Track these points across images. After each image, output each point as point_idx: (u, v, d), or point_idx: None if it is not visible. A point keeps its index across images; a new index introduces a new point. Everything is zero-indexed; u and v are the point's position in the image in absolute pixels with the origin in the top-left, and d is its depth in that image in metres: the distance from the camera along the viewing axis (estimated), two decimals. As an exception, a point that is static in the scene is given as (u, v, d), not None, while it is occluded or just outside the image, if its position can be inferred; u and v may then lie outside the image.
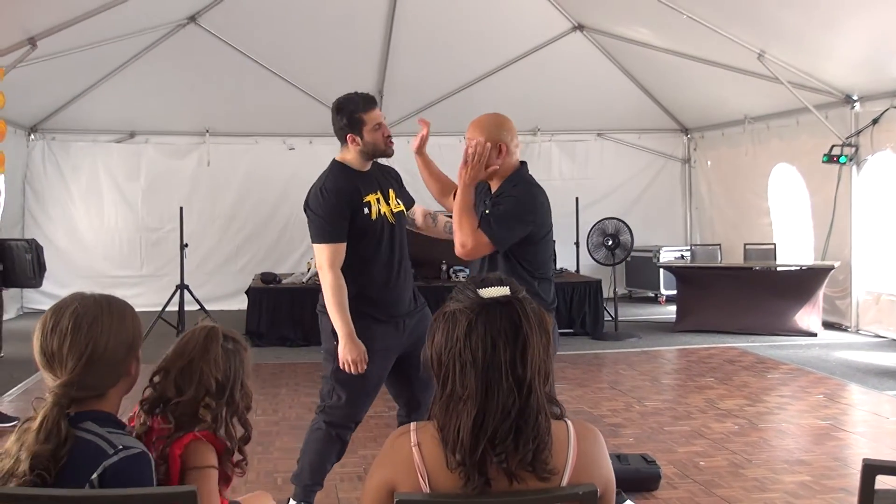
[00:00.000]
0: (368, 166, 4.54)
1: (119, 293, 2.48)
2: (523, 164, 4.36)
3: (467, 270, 8.67)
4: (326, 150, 14.70)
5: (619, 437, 6.35)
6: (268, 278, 11.12)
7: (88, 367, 2.21)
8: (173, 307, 10.85)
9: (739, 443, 6.17)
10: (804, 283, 10.79)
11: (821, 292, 10.70)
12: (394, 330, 4.46)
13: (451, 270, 11.44)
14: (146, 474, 2.18)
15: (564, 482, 2.00)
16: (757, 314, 10.76)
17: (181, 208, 11.32)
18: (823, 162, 10.71)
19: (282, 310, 10.65)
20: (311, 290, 10.42)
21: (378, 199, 4.46)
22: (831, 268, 10.67)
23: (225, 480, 2.65)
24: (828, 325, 10.90)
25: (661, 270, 13.19)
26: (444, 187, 4.79)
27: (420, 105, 13.25)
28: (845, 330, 10.91)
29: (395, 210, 4.55)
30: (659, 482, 5.20)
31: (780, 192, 12.52)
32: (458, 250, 4.09)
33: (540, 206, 4.21)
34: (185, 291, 10.98)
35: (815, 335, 10.52)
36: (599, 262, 12.05)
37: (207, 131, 13.28)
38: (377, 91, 12.73)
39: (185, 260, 11.15)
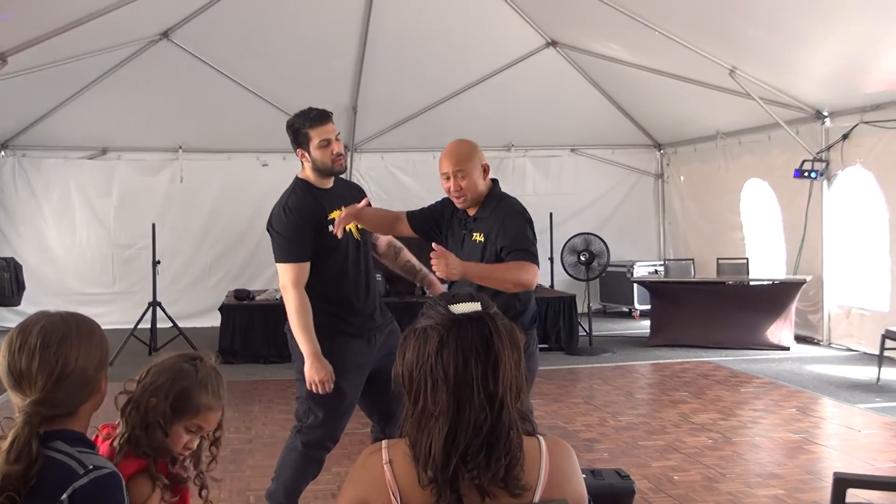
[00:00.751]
0: (330, 182, 4.50)
1: (90, 311, 2.45)
2: (495, 181, 4.36)
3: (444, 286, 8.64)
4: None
5: (593, 451, 6.35)
6: (241, 295, 11.06)
7: (59, 385, 2.16)
8: (146, 325, 10.77)
9: (713, 457, 6.19)
10: (776, 297, 10.85)
11: (793, 306, 10.77)
12: (366, 345, 4.44)
13: (425, 287, 11.40)
14: (117, 495, 2.15)
15: (536, 498, 1.99)
16: (730, 328, 10.81)
17: (153, 225, 11.25)
18: (795, 177, 10.80)
19: (255, 327, 10.58)
20: (285, 308, 10.45)
21: None
22: (803, 282, 10.74)
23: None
24: (800, 339, 10.97)
25: (635, 285, 13.23)
26: (387, 225, 4.66)
27: (394, 121, 13.29)
28: (817, 344, 10.98)
29: (360, 226, 4.52)
30: (633, 497, 5.18)
31: (753, 206, 12.62)
32: (524, 289, 4.06)
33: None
34: (158, 309, 10.90)
35: (787, 349, 10.58)
36: (574, 277, 12.07)
37: (180, 147, 13.22)
38: (351, 107, 12.74)
39: (157, 277, 11.08)
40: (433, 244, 3.97)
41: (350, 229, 4.42)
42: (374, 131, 13.46)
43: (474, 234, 4.23)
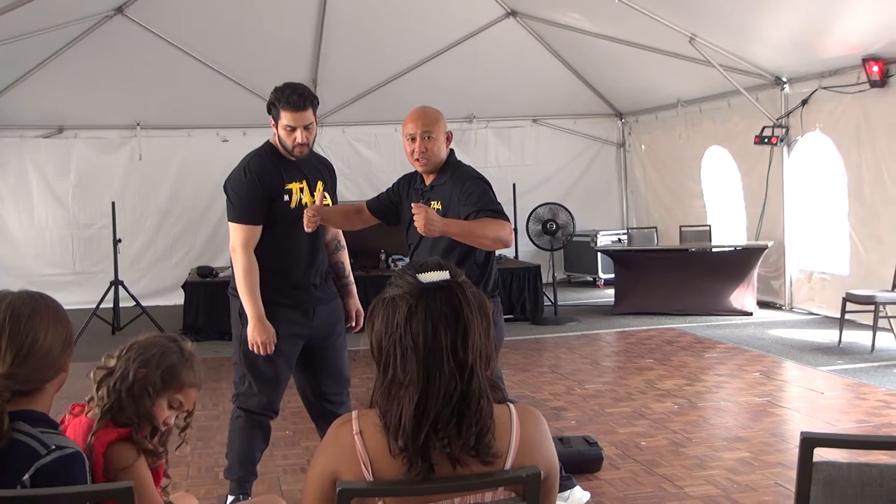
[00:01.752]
0: None
1: (51, 292, 2.46)
2: (451, 150, 4.38)
3: (406, 259, 8.67)
4: (260, 141, 14.46)
5: (561, 420, 6.39)
6: (204, 272, 10.98)
7: (27, 361, 2.17)
8: (108, 304, 10.67)
9: (679, 422, 6.25)
10: (739, 263, 10.95)
11: (755, 272, 10.87)
12: (302, 317, 4.42)
13: (390, 259, 11.41)
14: (80, 474, 2.14)
15: (508, 465, 1.99)
16: (694, 295, 10.90)
17: (113, 203, 11.13)
18: (755, 144, 10.87)
19: (219, 303, 10.42)
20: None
21: (302, 189, 4.40)
22: (765, 248, 10.84)
23: (155, 477, 2.62)
24: (762, 304, 11.08)
25: (599, 254, 13.30)
26: (351, 217, 4.71)
27: (354, 94, 13.20)
28: (779, 308, 11.11)
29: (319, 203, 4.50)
30: (601, 463, 5.24)
31: (713, 174, 12.71)
32: (503, 246, 4.10)
33: None
34: (120, 288, 10.80)
35: (750, 314, 10.69)
36: (539, 247, 12.11)
37: (138, 125, 13.05)
38: (311, 80, 12.62)
39: (118, 256, 10.97)
40: (412, 203, 3.99)
41: (307, 203, 4.39)
42: (334, 105, 13.35)
43: (432, 203, 4.21)
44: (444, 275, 2.00)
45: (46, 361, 2.21)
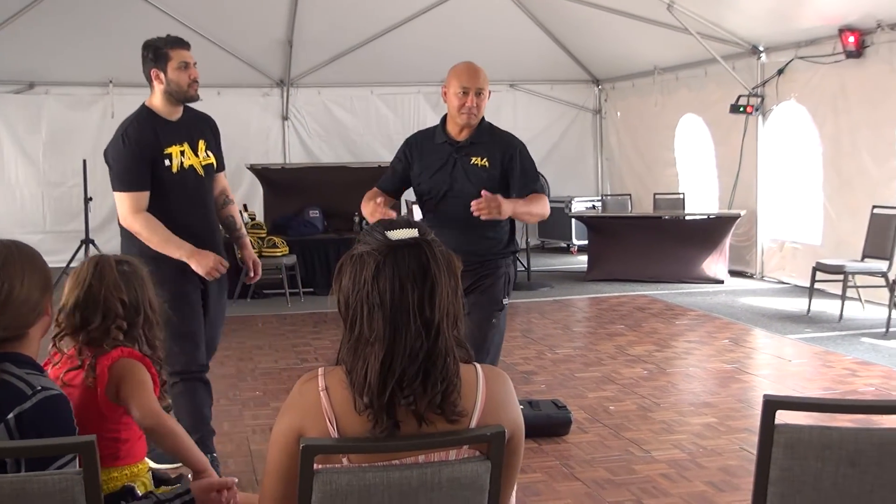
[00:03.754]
0: (178, 113, 4.44)
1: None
2: None
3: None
4: (234, 102, 14.43)
5: (531, 384, 6.42)
6: (177, 232, 10.90)
7: (6, 308, 2.19)
8: (79, 263, 10.59)
9: (648, 387, 6.30)
10: (711, 231, 11.01)
11: (727, 241, 10.93)
12: (194, 276, 4.38)
13: (364, 222, 11.37)
14: (64, 415, 2.19)
15: (473, 424, 1.99)
16: (666, 262, 10.95)
17: (85, 161, 11.02)
18: (731, 112, 10.90)
19: (192, 264, 10.46)
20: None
21: (183, 152, 4.37)
22: (738, 216, 10.90)
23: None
24: (734, 273, 11.16)
25: (573, 221, 13.32)
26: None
27: (330, 56, 13.08)
28: (750, 277, 11.19)
29: (204, 163, 4.47)
30: (570, 427, 5.28)
31: (687, 142, 12.74)
32: (544, 218, 4.61)
33: None
34: (91, 247, 10.73)
35: (721, 282, 10.76)
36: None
37: (111, 82, 12.87)
38: (287, 41, 12.50)
39: (90, 215, 10.87)
40: (482, 191, 4.18)
41: (193, 165, 4.39)
42: (310, 66, 13.25)
43: (474, 159, 4.40)
44: (412, 232, 1.99)
45: (26, 307, 2.24)
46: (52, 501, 1.85)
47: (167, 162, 4.31)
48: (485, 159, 4.38)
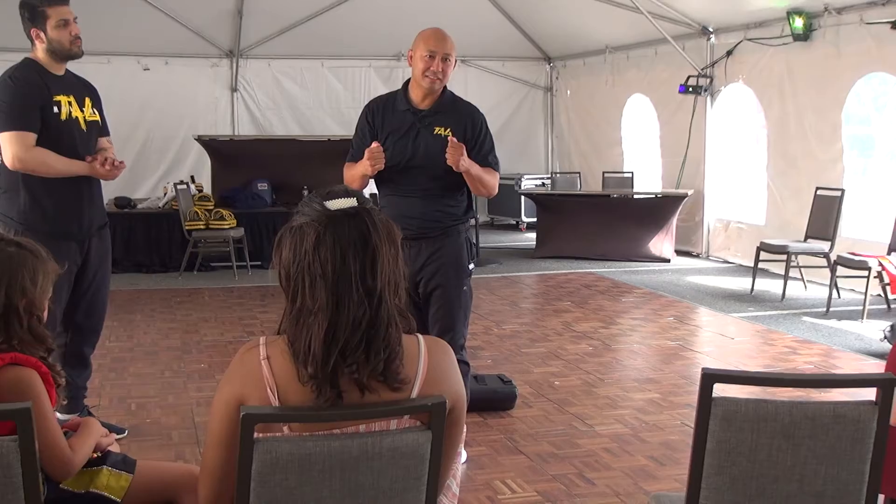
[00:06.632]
0: (62, 70, 4.40)
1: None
2: None
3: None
4: (183, 71, 14.19)
5: (477, 359, 6.44)
6: (122, 203, 10.75)
7: None
8: (21, 233, 10.42)
9: (593, 363, 6.36)
10: (659, 211, 11.11)
11: (674, 220, 11.05)
12: (76, 248, 4.36)
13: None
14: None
15: (414, 394, 2.00)
16: (614, 241, 11.04)
17: None
18: (680, 93, 10.98)
19: (137, 235, 10.35)
20: (168, 216, 10.27)
21: (70, 102, 4.34)
22: (685, 196, 11.01)
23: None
24: (680, 252, 11.28)
25: (523, 198, 13.36)
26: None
27: (281, 27, 12.93)
28: (696, 256, 11.33)
29: (88, 119, 4.44)
30: (515, 401, 5.31)
31: (633, 122, 12.83)
32: (491, 195, 4.61)
33: None
34: None
35: (668, 261, 10.88)
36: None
37: None
38: (236, 11, 12.34)
39: None
40: (450, 138, 4.22)
41: (77, 117, 4.35)
42: (260, 37, 13.10)
43: (436, 129, 4.31)
44: (351, 201, 1.98)
45: None
46: (-14, 468, 1.83)
47: (55, 109, 4.25)
48: (448, 129, 4.33)
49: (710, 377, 2.15)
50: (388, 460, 1.93)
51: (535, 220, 12.30)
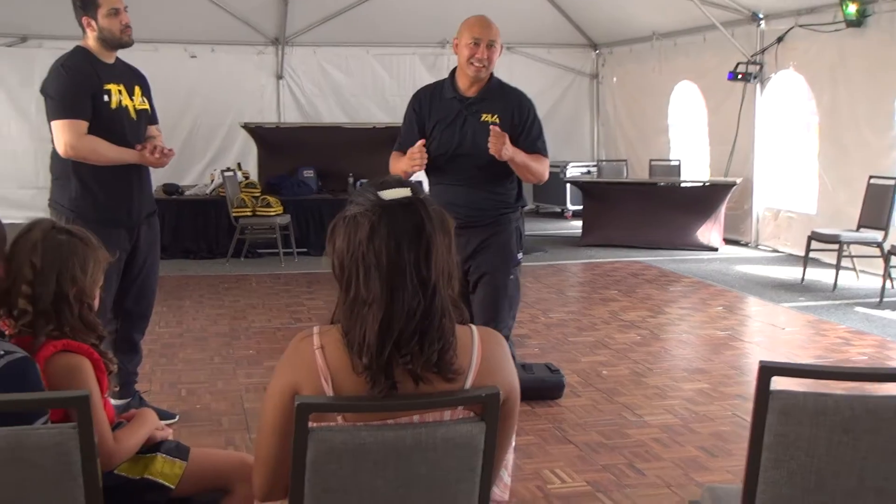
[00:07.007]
0: (112, 58, 4.43)
1: (15, 206, 2.41)
2: None
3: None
4: (229, 59, 14.31)
5: (524, 347, 6.42)
6: (170, 189, 10.85)
7: None
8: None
9: (641, 352, 6.31)
10: (706, 199, 10.99)
11: (722, 208, 10.93)
12: (126, 236, 4.39)
13: (358, 183, 11.33)
14: (33, 378, 2.13)
15: (468, 385, 1.99)
16: (661, 229, 10.94)
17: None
18: (728, 79, 10.84)
19: (185, 222, 10.44)
20: (215, 202, 10.33)
21: (120, 91, 4.37)
22: (733, 184, 10.88)
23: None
24: (728, 241, 11.16)
25: (568, 186, 13.28)
26: None
27: (326, 13, 12.97)
28: (745, 245, 11.20)
29: (138, 107, 4.47)
30: (563, 390, 5.28)
31: (681, 109, 12.69)
32: (541, 181, 4.67)
33: None
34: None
35: (716, 249, 10.77)
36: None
37: (105, 37, 12.74)
38: (282, -1, 12.40)
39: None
40: (492, 127, 4.19)
41: (127, 106, 4.38)
42: (305, 24, 13.13)
43: (483, 115, 4.32)
44: (405, 192, 1.97)
45: None
46: (47, 455, 1.85)
47: (106, 98, 4.29)
48: (495, 116, 4.32)
49: (769, 370, 2.11)
50: (441, 451, 1.92)
51: (580, 207, 12.22)
